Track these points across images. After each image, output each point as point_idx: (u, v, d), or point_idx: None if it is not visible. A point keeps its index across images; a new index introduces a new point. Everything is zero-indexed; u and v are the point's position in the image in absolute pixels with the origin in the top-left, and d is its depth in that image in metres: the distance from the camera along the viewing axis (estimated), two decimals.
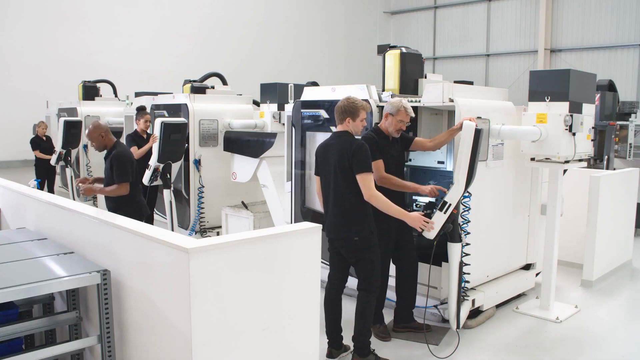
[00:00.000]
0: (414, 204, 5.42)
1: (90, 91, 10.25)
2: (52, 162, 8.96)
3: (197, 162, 7.11)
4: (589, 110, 5.02)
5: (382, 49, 5.59)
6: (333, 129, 5.32)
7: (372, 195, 3.88)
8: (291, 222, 5.84)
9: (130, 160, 5.15)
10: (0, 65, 11.33)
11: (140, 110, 7.13)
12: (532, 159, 4.98)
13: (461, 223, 4.54)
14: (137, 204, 5.28)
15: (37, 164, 10.17)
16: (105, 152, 5.26)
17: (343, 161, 3.92)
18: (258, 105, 7.77)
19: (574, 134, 4.71)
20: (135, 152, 6.51)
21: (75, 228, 3.42)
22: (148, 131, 7.10)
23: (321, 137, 5.53)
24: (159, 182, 6.59)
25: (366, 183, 3.87)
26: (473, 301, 4.81)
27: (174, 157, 6.58)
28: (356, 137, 4.11)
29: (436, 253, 4.44)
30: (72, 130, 8.73)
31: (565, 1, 15.50)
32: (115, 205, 5.11)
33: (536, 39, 15.98)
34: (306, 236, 2.87)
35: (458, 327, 4.54)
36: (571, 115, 4.64)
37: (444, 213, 4.21)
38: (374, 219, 4.07)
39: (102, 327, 2.82)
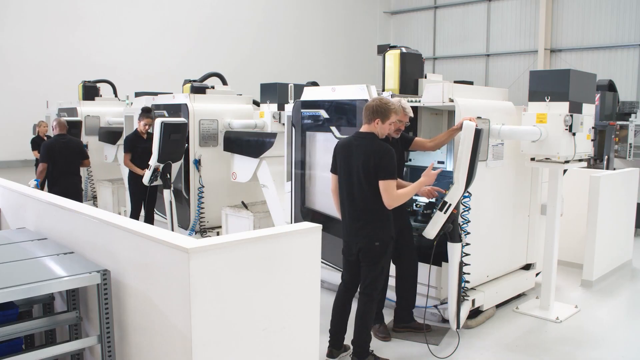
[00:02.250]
0: (414, 204, 5.43)
1: (90, 91, 10.24)
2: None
3: (197, 162, 7.11)
4: (589, 110, 5.02)
5: (382, 49, 5.59)
6: (333, 129, 5.35)
7: (394, 199, 3.82)
8: (291, 222, 5.84)
9: (45, 149, 6.90)
10: (0, 65, 11.33)
11: (145, 112, 7.08)
12: (532, 159, 4.98)
13: (461, 223, 4.54)
14: (65, 185, 6.86)
15: (37, 164, 10.16)
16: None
17: (369, 165, 3.83)
18: (258, 105, 7.76)
19: (574, 134, 4.71)
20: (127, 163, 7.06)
21: (75, 228, 3.41)
22: (149, 130, 7.08)
23: (321, 137, 5.54)
24: (159, 182, 6.59)
25: (389, 190, 3.80)
26: (473, 301, 4.82)
27: (174, 157, 6.58)
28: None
29: (436, 253, 4.44)
30: (72, 130, 8.67)
31: (565, 1, 15.50)
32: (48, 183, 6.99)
33: (536, 39, 15.98)
34: (306, 236, 2.87)
35: (458, 327, 4.54)
36: (571, 115, 4.64)
37: (444, 213, 4.21)
38: None
39: (102, 327, 2.82)
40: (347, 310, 4.18)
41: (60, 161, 6.92)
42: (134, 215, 7.11)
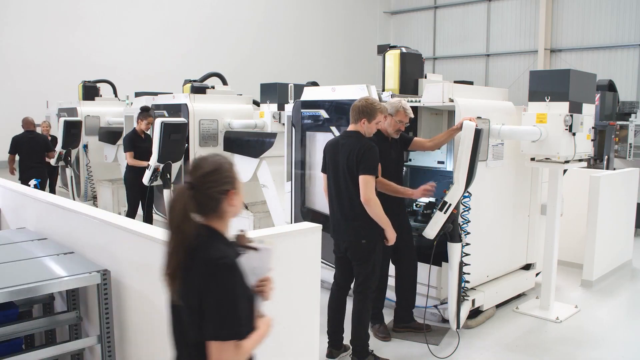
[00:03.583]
0: (414, 204, 5.42)
1: (90, 91, 10.23)
2: (52, 162, 8.95)
3: None
4: (589, 110, 5.02)
5: (382, 49, 5.59)
6: (333, 129, 5.34)
7: (369, 199, 3.81)
8: (291, 222, 5.84)
9: (13, 142, 8.32)
10: (0, 65, 11.33)
11: (144, 111, 7.08)
12: (532, 159, 4.98)
13: (461, 223, 4.53)
14: (32, 173, 7.65)
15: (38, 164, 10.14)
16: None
17: (351, 162, 3.87)
18: (258, 105, 7.76)
19: (574, 134, 4.71)
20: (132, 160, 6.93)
21: (75, 228, 3.42)
22: (147, 132, 7.08)
23: (321, 137, 5.53)
24: (159, 182, 6.59)
25: (368, 185, 3.81)
26: (473, 301, 4.81)
27: (174, 157, 6.58)
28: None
29: (436, 253, 4.44)
30: (72, 130, 8.73)
31: (565, 1, 15.50)
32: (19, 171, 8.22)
33: (536, 39, 15.98)
34: (306, 236, 2.87)
35: (458, 327, 4.54)
36: (571, 115, 4.64)
37: (444, 213, 4.21)
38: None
39: (102, 327, 2.82)
40: (342, 309, 4.19)
41: (27, 153, 8.28)
42: (131, 215, 7.08)
